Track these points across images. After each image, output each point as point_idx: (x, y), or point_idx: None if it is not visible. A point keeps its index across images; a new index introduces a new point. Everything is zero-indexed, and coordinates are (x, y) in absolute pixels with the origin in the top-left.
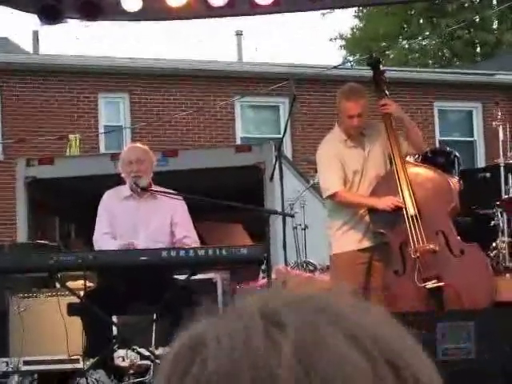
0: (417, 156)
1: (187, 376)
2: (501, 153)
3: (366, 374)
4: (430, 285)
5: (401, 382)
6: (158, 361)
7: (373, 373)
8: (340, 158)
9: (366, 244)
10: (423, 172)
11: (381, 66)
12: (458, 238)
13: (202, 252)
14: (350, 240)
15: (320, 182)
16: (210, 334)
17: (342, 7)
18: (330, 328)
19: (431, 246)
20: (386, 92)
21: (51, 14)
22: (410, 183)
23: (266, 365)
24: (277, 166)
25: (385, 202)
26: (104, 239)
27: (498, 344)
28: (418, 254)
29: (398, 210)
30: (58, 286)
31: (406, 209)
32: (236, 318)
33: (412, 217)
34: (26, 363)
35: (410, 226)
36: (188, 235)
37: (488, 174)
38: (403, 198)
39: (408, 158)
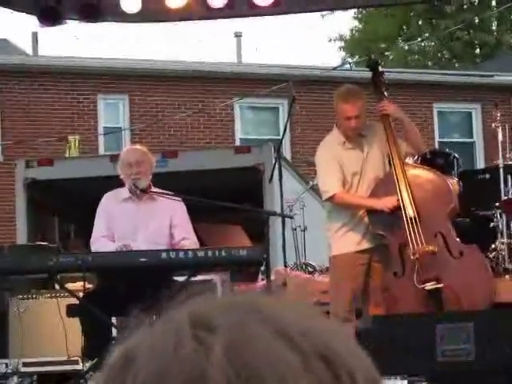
0: (416, 157)
1: None
2: (500, 154)
3: (298, 370)
4: (429, 286)
5: (335, 378)
6: None
7: (306, 370)
8: (338, 159)
9: (366, 245)
10: (422, 173)
11: (380, 67)
12: (457, 239)
13: (201, 253)
14: (350, 241)
15: (319, 185)
16: (143, 344)
17: (342, 8)
18: (260, 327)
19: (430, 248)
20: (385, 93)
21: (51, 16)
22: (408, 185)
23: (196, 367)
24: (276, 167)
25: (383, 203)
26: (101, 242)
27: (497, 345)
28: (417, 256)
29: (396, 212)
30: (57, 287)
31: (404, 210)
32: (166, 325)
33: (411, 218)
34: (26, 365)
35: (408, 228)
36: (187, 237)
37: (487, 176)
38: (402, 199)
39: (407, 160)
